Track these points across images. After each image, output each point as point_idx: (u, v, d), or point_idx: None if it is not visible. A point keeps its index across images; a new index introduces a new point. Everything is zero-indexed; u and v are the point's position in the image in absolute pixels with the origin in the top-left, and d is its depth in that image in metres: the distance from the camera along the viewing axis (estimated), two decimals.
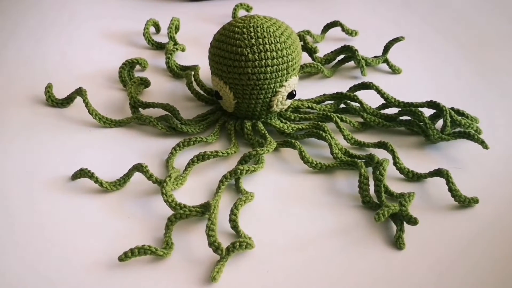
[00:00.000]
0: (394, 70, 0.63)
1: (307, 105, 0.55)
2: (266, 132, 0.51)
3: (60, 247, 0.42)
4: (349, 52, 0.62)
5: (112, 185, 0.46)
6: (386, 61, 0.63)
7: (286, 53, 0.50)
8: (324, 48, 0.64)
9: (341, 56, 0.63)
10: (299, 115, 0.53)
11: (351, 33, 0.69)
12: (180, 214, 0.42)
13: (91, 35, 0.71)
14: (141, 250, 0.40)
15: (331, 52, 0.63)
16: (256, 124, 0.52)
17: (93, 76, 0.62)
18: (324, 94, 0.57)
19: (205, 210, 0.43)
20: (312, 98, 0.56)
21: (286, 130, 0.52)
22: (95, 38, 0.70)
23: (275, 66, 0.49)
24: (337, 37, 0.69)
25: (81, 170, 0.46)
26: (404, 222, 0.42)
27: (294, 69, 0.51)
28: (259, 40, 0.49)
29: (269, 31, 0.49)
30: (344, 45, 0.62)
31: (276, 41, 0.49)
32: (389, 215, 0.43)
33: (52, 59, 0.65)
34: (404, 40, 0.63)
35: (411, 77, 0.63)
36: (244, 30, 0.49)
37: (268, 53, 0.49)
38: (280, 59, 0.49)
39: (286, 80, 0.51)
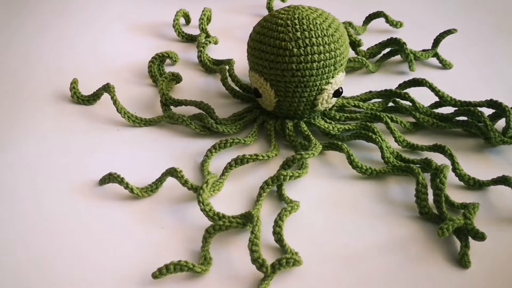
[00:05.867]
0: (445, 65, 0.58)
1: (353, 104, 0.50)
2: (309, 133, 0.47)
3: (86, 260, 0.38)
4: (396, 45, 0.57)
5: (144, 191, 0.42)
6: (436, 55, 0.58)
7: (334, 48, 0.45)
8: (366, 41, 0.60)
9: (387, 50, 0.58)
10: (345, 115, 0.49)
11: (395, 24, 0.64)
12: (220, 226, 0.38)
13: (118, 27, 0.67)
14: (177, 266, 0.36)
15: (376, 45, 0.58)
16: (298, 124, 0.48)
17: (120, 71, 0.58)
18: (371, 91, 0.52)
19: (246, 221, 0.39)
20: (358, 96, 0.52)
21: (331, 131, 0.47)
22: (122, 30, 0.66)
23: (322, 62, 0.45)
24: (381, 29, 0.65)
25: (110, 174, 0.43)
26: (470, 237, 0.38)
27: (341, 65, 0.46)
28: (305, 33, 0.44)
29: (316, 23, 0.45)
30: (391, 38, 0.57)
31: (323, 34, 0.45)
32: (453, 230, 0.38)
33: (78, 54, 0.62)
34: (456, 33, 0.58)
35: (463, 72, 0.58)
36: (288, 22, 0.45)
37: (315, 48, 0.44)
38: (327, 54, 0.45)
39: (332, 77, 0.46)
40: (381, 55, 0.58)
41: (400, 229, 0.40)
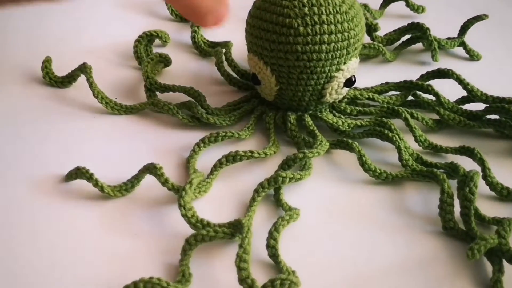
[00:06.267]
0: (472, 56, 0.51)
1: (366, 96, 0.43)
2: (315, 128, 0.40)
3: (43, 270, 0.32)
4: (417, 31, 0.50)
5: (116, 190, 0.36)
6: (463, 44, 0.51)
7: (348, 27, 0.38)
8: (382, 27, 0.53)
9: (407, 36, 0.51)
10: (357, 108, 0.42)
11: (417, 9, 0.57)
12: (202, 236, 0.32)
13: (103, 2, 0.60)
14: (148, 285, 0.29)
15: (394, 30, 0.52)
16: (302, 117, 0.41)
17: (103, 51, 0.51)
18: (387, 83, 0.45)
19: (235, 231, 0.33)
20: (372, 87, 0.45)
21: (340, 127, 0.40)
22: (109, 6, 0.60)
23: (333, 44, 0.38)
24: (400, 14, 0.58)
25: (78, 169, 0.36)
26: (504, 260, 0.31)
27: (355, 49, 0.40)
28: (314, 8, 0.37)
29: None
30: (412, 22, 0.50)
31: (335, 11, 0.38)
32: (485, 251, 0.31)
33: (55, 29, 0.55)
34: (487, 19, 0.51)
35: (494, 65, 0.51)
36: None
37: (325, 26, 0.37)
38: (339, 35, 0.38)
39: (344, 63, 0.39)
40: (400, 42, 0.51)
41: (419, 246, 0.34)
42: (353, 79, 0.41)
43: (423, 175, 0.37)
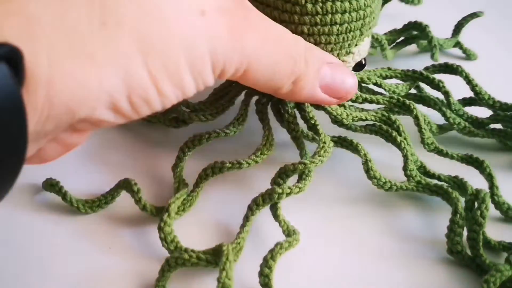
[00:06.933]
0: (469, 56, 0.47)
1: (374, 81, 0.37)
2: (318, 122, 0.34)
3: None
4: (416, 30, 0.45)
5: (88, 206, 0.31)
6: (458, 44, 0.47)
7: (364, 4, 0.32)
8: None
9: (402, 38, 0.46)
10: (363, 96, 0.36)
11: (412, 0, 0.50)
12: (184, 260, 0.27)
13: None
14: None
15: (395, 29, 0.46)
16: (302, 106, 0.35)
17: None
18: (390, 68, 0.38)
19: (219, 258, 0.27)
20: (376, 69, 0.38)
21: (344, 120, 0.34)
22: None
23: (346, 25, 0.32)
24: (389, 13, 0.50)
25: (47, 181, 0.32)
26: None
27: (369, 28, 0.34)
28: None
29: None
30: (409, 22, 0.45)
31: None
32: (500, 283, 0.28)
33: None
34: (482, 17, 0.46)
35: (489, 65, 0.46)
36: None
37: (338, 4, 0.31)
38: (354, 14, 0.32)
39: (356, 45, 0.34)
40: (399, 40, 0.46)
41: (423, 272, 0.30)
42: (363, 62, 0.35)
43: (431, 190, 0.33)
